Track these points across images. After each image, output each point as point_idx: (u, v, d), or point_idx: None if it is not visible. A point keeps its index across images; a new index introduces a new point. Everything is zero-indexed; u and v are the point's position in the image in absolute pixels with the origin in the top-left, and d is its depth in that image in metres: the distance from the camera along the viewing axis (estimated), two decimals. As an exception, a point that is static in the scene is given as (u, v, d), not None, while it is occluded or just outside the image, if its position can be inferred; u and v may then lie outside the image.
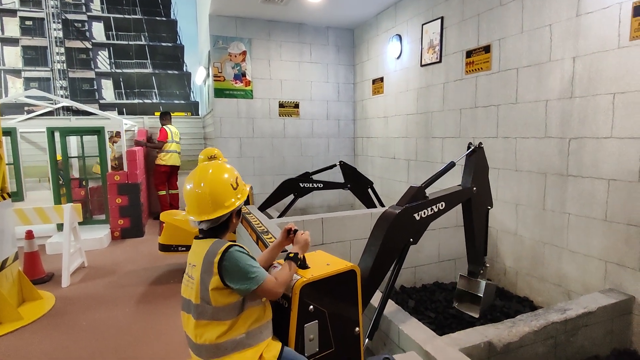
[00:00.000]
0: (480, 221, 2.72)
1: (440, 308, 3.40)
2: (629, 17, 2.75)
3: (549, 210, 3.41)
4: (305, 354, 1.58)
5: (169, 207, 6.89)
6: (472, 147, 2.66)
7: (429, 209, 2.28)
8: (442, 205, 2.36)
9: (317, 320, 1.61)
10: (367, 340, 2.07)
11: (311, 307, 1.59)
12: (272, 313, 1.60)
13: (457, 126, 4.46)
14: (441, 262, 4.13)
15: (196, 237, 1.60)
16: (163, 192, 7.05)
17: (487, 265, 2.85)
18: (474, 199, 2.61)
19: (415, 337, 2.07)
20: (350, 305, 1.74)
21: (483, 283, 2.73)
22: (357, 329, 1.76)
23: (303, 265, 1.67)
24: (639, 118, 2.70)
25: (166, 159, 6.97)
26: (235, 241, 1.59)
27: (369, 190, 5.00)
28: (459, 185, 2.62)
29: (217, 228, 1.56)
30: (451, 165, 2.53)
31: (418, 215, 2.23)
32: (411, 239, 2.22)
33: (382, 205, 4.97)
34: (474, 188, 2.58)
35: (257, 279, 1.44)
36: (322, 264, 1.73)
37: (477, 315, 2.73)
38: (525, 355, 2.32)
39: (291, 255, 1.62)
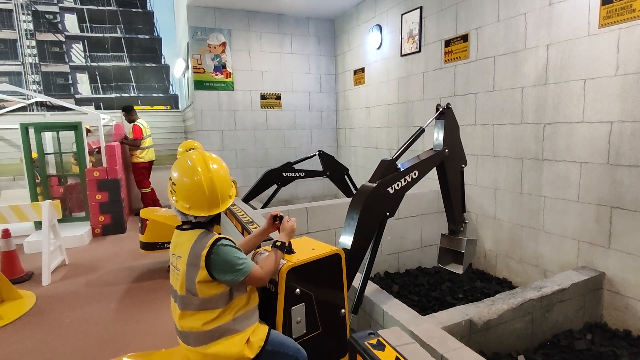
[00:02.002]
0: (456, 181, 2.69)
1: (423, 291, 3.50)
2: (597, 5, 2.85)
3: (525, 194, 3.53)
4: (293, 336, 1.61)
5: (152, 205, 6.76)
6: (441, 109, 2.60)
7: (402, 180, 2.28)
8: (415, 174, 2.34)
9: (303, 303, 1.65)
10: (351, 315, 2.11)
11: (297, 290, 1.62)
12: (259, 297, 1.63)
13: (437, 115, 4.53)
14: (424, 247, 4.23)
15: (178, 227, 1.57)
16: (147, 190, 6.90)
17: (467, 221, 2.87)
18: (447, 161, 2.57)
19: (399, 318, 2.14)
20: (336, 288, 1.79)
21: (464, 240, 2.76)
22: (342, 310, 1.81)
23: (289, 250, 1.70)
24: (607, 103, 2.82)
25: (144, 155, 6.80)
26: (220, 233, 1.58)
27: (345, 177, 5.10)
28: (431, 149, 2.59)
29: (210, 220, 1.55)
30: (420, 131, 2.51)
31: (392, 188, 2.23)
32: (387, 213, 2.24)
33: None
34: (446, 150, 2.55)
35: (244, 270, 1.45)
36: (308, 248, 1.76)
37: (460, 272, 2.76)
38: (504, 332, 2.43)
39: (278, 243, 1.64)
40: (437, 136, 2.60)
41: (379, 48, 5.62)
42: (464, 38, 4.06)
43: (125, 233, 5.96)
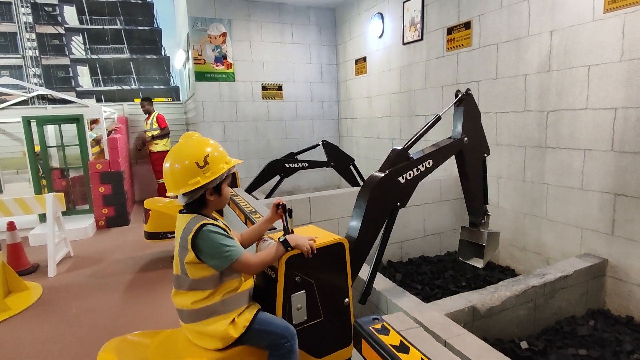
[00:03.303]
0: (476, 171, 2.55)
1: (426, 280, 3.52)
2: (603, -11, 2.80)
3: (528, 182, 3.52)
4: (294, 322, 1.63)
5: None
6: (460, 95, 2.44)
7: (415, 169, 2.18)
8: (429, 163, 2.24)
9: (304, 291, 1.65)
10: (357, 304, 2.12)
11: (298, 277, 1.63)
12: (260, 283, 1.64)
13: (440, 103, 4.51)
14: (426, 236, 4.23)
15: (180, 211, 1.62)
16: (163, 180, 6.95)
17: (490, 214, 2.70)
18: (466, 150, 2.43)
19: (403, 305, 2.15)
20: (339, 277, 1.79)
21: (485, 232, 2.62)
22: (346, 299, 1.81)
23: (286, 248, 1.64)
24: (612, 89, 2.79)
25: (168, 144, 6.89)
26: (215, 219, 1.57)
27: (351, 167, 5.07)
28: (449, 137, 2.45)
29: (193, 204, 1.56)
30: (437, 119, 2.35)
31: (403, 178, 2.14)
32: (398, 203, 2.15)
33: (363, 181, 5.03)
34: (465, 139, 2.41)
35: (229, 257, 1.47)
36: (311, 237, 1.76)
37: (481, 266, 2.63)
38: (507, 318, 2.44)
39: (281, 239, 1.61)
40: (456, 124, 2.46)
41: (380, 37, 5.57)
42: (467, 25, 4.01)
43: (128, 225, 5.99)
